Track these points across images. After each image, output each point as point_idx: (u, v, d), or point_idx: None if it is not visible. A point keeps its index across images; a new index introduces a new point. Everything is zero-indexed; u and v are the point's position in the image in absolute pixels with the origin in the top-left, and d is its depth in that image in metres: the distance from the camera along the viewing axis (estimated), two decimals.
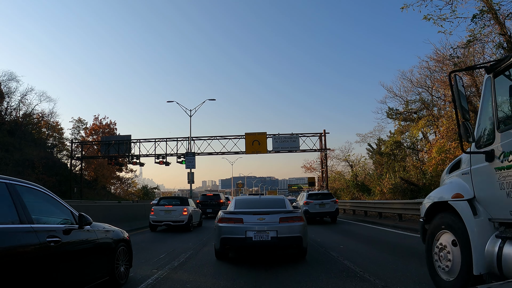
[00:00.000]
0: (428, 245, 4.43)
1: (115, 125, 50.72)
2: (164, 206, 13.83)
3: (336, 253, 7.66)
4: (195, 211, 15.01)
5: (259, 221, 6.67)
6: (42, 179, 32.89)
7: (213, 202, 23.09)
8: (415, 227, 9.75)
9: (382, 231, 12.64)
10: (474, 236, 3.55)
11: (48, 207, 3.96)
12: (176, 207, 13.63)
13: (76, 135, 46.78)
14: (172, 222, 13.35)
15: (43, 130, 44.38)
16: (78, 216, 4.17)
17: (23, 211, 3.22)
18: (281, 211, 6.96)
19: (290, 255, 7.22)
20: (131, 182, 52.36)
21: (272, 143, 34.39)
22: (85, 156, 39.54)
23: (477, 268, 3.46)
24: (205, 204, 22.66)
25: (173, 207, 13.65)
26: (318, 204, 16.97)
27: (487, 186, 3.61)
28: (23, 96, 40.37)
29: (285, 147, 34.49)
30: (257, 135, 34.29)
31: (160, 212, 13.61)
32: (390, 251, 7.95)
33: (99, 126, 48.55)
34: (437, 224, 4.30)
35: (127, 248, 5.44)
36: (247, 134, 34.32)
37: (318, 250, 8.19)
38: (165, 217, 13.45)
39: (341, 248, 8.44)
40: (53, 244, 3.41)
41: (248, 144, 34.00)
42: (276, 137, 34.64)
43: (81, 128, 47.74)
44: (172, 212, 13.48)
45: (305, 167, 48.15)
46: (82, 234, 4.19)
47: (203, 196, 24.63)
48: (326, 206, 16.96)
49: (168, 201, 14.53)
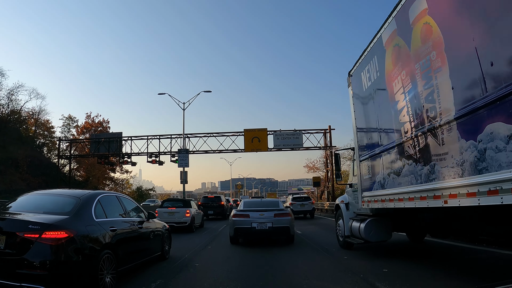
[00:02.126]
0: (335, 223, 9.62)
1: (108, 123, 47.27)
2: (168, 208, 14.78)
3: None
4: (197, 213, 15.78)
5: (260, 216, 9.92)
6: (26, 179, 30.62)
7: (214, 204, 23.18)
8: None
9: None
10: (346, 219, 8.65)
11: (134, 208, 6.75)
12: (179, 209, 14.56)
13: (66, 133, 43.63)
14: (175, 224, 13.68)
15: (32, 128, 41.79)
16: (148, 213, 7.07)
17: (124, 211, 6.15)
18: (275, 209, 10.29)
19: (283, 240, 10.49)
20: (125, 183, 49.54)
21: (273, 140, 32.41)
22: (74, 155, 37.24)
23: (346, 232, 8.45)
24: (207, 206, 22.54)
25: (177, 209, 14.61)
26: (300, 204, 23.58)
27: (350, 198, 8.90)
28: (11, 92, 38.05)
29: (287, 144, 32.44)
30: (257, 132, 32.37)
31: (164, 213, 14.23)
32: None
33: (91, 124, 45.34)
34: (337, 213, 9.60)
35: (169, 234, 8.18)
36: (246, 131, 32.42)
37: None
38: (169, 219, 13.67)
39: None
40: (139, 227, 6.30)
41: (248, 142, 32.13)
42: (277, 134, 32.53)
43: (72, 126, 44.57)
44: (175, 214, 14.35)
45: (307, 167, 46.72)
46: (149, 224, 6.89)
47: (205, 198, 24.75)
48: (305, 206, 23.76)
49: (172, 203, 15.53)
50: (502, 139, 3.40)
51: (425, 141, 4.88)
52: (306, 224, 18.18)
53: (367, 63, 7.14)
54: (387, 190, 6.25)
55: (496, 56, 3.50)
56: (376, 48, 6.59)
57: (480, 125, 3.71)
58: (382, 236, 7.49)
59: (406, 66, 5.36)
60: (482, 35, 3.71)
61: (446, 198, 4.33)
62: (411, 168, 5.29)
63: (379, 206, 6.72)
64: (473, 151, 3.81)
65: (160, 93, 30.63)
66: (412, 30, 5.15)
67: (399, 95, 5.67)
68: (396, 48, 5.73)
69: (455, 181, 4.13)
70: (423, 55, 4.80)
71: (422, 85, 4.89)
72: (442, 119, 4.40)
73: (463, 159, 4.00)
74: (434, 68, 4.56)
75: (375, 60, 6.67)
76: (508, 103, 3.32)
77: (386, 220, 7.42)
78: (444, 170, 4.39)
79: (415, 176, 5.18)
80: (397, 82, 5.70)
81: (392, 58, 5.90)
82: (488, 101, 3.56)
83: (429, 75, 4.68)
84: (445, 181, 4.36)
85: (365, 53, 7.25)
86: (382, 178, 6.48)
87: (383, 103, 6.44)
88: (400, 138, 5.64)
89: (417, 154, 5.13)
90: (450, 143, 4.28)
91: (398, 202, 5.75)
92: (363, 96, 7.59)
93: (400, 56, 5.61)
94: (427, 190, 4.77)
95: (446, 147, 4.37)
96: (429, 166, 4.76)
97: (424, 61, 4.79)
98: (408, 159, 5.41)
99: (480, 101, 3.69)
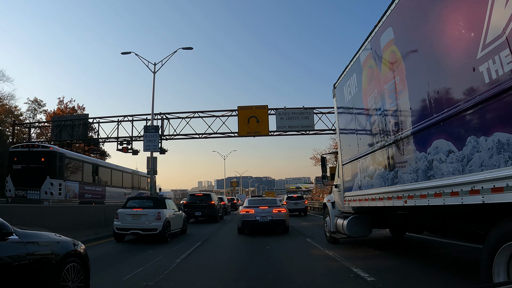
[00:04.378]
0: (323, 220, 10.69)
1: (83, 109, 39.01)
2: (132, 209, 10.85)
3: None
4: (175, 216, 11.82)
5: (262, 211, 12.67)
6: None
7: (203, 203, 19.51)
8: None
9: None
10: (332, 217, 9.50)
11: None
12: (147, 210, 10.71)
13: (31, 119, 35.92)
14: (141, 231, 10.35)
15: None
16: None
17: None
18: (274, 206, 13.18)
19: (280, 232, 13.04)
20: None
21: (276, 121, 25.01)
22: None
23: (332, 228, 9.37)
24: (193, 206, 19.36)
25: (144, 210, 10.73)
26: (293, 203, 25.22)
27: (336, 197, 9.62)
28: None
29: (294, 126, 24.98)
30: (255, 110, 25.03)
31: (126, 216, 10.62)
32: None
33: (63, 110, 38.06)
34: (324, 211, 10.51)
35: (81, 264, 4.11)
36: (241, 109, 25.15)
37: None
38: (133, 224, 10.48)
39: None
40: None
41: (243, 123, 24.86)
42: (281, 113, 25.07)
43: (39, 111, 37.60)
44: (142, 217, 10.53)
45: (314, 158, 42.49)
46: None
47: (191, 197, 20.75)
48: (298, 204, 25.47)
49: (138, 203, 11.43)
50: (444, 152, 4.32)
51: (391, 150, 5.81)
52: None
53: (348, 78, 8.07)
54: (363, 191, 7.18)
55: (440, 86, 4.41)
56: (355, 67, 7.51)
57: (429, 140, 4.63)
58: (363, 232, 8.42)
59: (378, 86, 6.27)
60: (432, 67, 4.62)
61: (406, 199, 5.26)
62: (381, 172, 6.22)
63: (358, 204, 7.66)
64: (424, 161, 4.73)
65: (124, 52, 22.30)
66: (383, 56, 6.07)
67: (372, 110, 6.59)
68: (370, 69, 6.65)
69: (412, 185, 5.06)
70: (390, 78, 5.72)
71: (389, 103, 5.81)
72: (403, 133, 5.32)
73: (417, 167, 4.92)
74: (398, 90, 5.48)
75: (354, 77, 7.60)
76: (448, 124, 4.23)
77: (366, 217, 8.35)
78: (404, 175, 5.32)
79: (383, 179, 6.11)
80: (370, 98, 6.63)
81: (368, 77, 6.82)
82: (435, 121, 4.47)
83: (394, 95, 5.60)
84: (405, 185, 5.29)
85: (347, 69, 8.17)
86: (360, 180, 7.42)
87: (360, 115, 7.38)
88: (373, 147, 6.57)
89: (385, 161, 6.06)
90: (408, 153, 5.20)
91: (372, 201, 6.69)
92: (345, 107, 8.52)
93: (373, 76, 6.53)
94: (392, 192, 5.70)
95: (405, 156, 5.30)
96: (394, 171, 5.69)
97: (391, 83, 5.70)
98: (379, 165, 6.35)
99: (429, 121, 4.60)
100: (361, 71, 7.16)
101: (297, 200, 25.81)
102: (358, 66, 7.29)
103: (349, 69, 8.01)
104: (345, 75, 8.33)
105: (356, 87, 7.49)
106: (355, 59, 7.52)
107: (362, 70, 7.08)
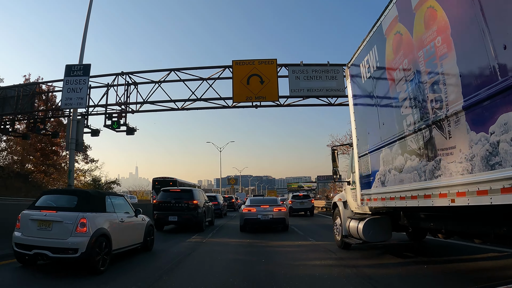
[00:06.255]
0: (333, 222, 9.40)
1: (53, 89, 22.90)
2: (40, 211, 6.10)
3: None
4: (126, 224, 7.46)
5: (263, 209, 13.20)
6: None
7: (181, 204, 13.38)
8: None
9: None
10: (344, 218, 8.44)
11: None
12: (64, 214, 5.99)
13: None
14: (50, 252, 5.70)
15: None
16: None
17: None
18: (274, 205, 13.74)
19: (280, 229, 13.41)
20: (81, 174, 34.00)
21: (289, 83, 16.50)
22: None
23: (344, 232, 8.32)
24: (166, 208, 13.37)
25: (58, 213, 6.01)
26: (299, 202, 24.58)
27: (349, 196, 8.50)
28: None
29: (316, 88, 16.39)
30: (258, 66, 16.68)
31: (30, 224, 6.00)
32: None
33: None
34: (334, 212, 9.38)
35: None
36: (238, 64, 16.73)
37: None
38: (38, 237, 5.85)
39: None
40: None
41: (239, 85, 16.44)
42: (296, 70, 16.60)
43: None
44: (52, 227, 5.86)
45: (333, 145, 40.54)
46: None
47: (164, 194, 14.14)
48: (305, 204, 24.53)
49: (54, 199, 6.71)
50: None
51: (429, 134, 4.51)
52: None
53: (366, 53, 6.76)
54: (387, 187, 5.88)
55: (510, 38, 3.13)
56: (376, 37, 6.21)
57: (492, 115, 3.35)
58: (382, 237, 7.19)
59: (409, 54, 4.98)
60: (494, 15, 3.34)
61: (454, 197, 3.97)
62: (414, 164, 4.92)
63: (379, 204, 6.36)
64: (485, 144, 3.45)
65: None
66: (415, 16, 4.77)
67: (400, 86, 5.29)
68: (397, 36, 5.34)
69: (464, 178, 3.77)
70: (427, 42, 4.43)
71: (426, 74, 4.51)
72: (448, 110, 4.03)
73: (472, 153, 3.63)
74: (439, 54, 4.19)
75: (374, 50, 6.29)
76: None
77: (386, 219, 7.07)
78: (451, 165, 4.02)
79: (418, 172, 4.81)
80: (398, 72, 5.33)
81: (393, 46, 5.52)
82: (502, 88, 3.20)
83: (434, 62, 4.30)
84: (452, 178, 3.99)
85: (364, 43, 6.87)
86: (383, 175, 6.11)
87: (384, 95, 6.07)
88: (402, 132, 5.27)
89: (420, 149, 4.76)
90: (458, 136, 3.91)
91: (400, 200, 5.39)
92: (362, 88, 7.21)
93: (401, 44, 5.23)
94: (432, 188, 4.40)
95: (453, 140, 4.00)
96: (434, 161, 4.39)
97: (428, 47, 4.41)
98: (411, 154, 5.04)
99: (492, 89, 3.32)
100: (384, 41, 5.85)
101: (303, 199, 24.84)
102: (380, 36, 5.98)
103: (367, 42, 6.69)
104: (362, 51, 7.02)
105: (378, 61, 6.17)
106: (375, 29, 6.21)
107: (386, 39, 5.76)
